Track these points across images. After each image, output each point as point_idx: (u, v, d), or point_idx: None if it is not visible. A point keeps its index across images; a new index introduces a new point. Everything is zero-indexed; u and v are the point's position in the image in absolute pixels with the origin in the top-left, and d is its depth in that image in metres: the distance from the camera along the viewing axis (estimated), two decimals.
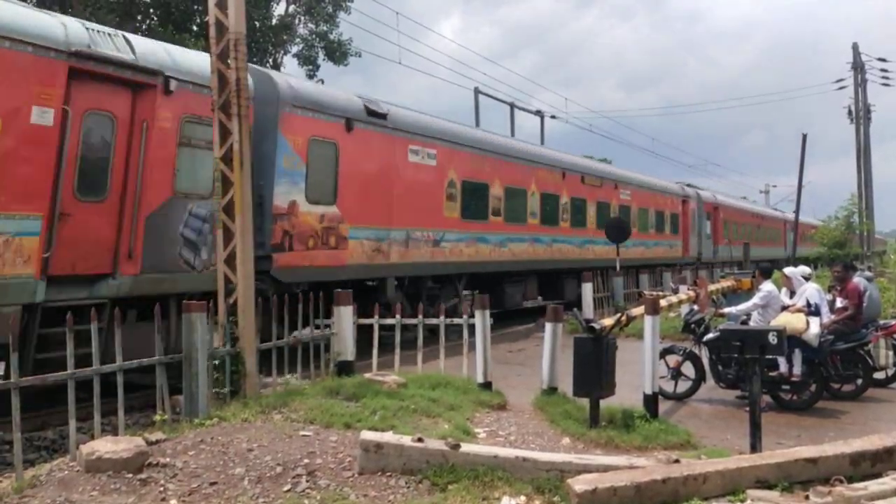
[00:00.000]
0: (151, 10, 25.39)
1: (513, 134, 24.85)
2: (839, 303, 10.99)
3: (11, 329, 5.81)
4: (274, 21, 29.06)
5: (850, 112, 38.06)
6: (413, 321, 10.41)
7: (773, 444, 7.57)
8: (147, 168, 9.78)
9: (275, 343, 8.93)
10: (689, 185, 33.68)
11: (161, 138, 9.97)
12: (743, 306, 11.00)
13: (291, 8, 30.13)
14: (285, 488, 5.51)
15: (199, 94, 10.21)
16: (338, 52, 30.26)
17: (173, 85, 10.08)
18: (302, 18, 30.36)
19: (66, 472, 5.73)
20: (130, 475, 5.57)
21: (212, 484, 5.52)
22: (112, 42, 9.45)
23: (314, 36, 30.34)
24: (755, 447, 7.11)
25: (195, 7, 25.71)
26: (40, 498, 5.19)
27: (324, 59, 30.48)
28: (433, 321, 10.49)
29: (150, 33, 22.23)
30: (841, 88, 38.79)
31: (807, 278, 11.69)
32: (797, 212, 36.25)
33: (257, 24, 27.13)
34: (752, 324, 10.50)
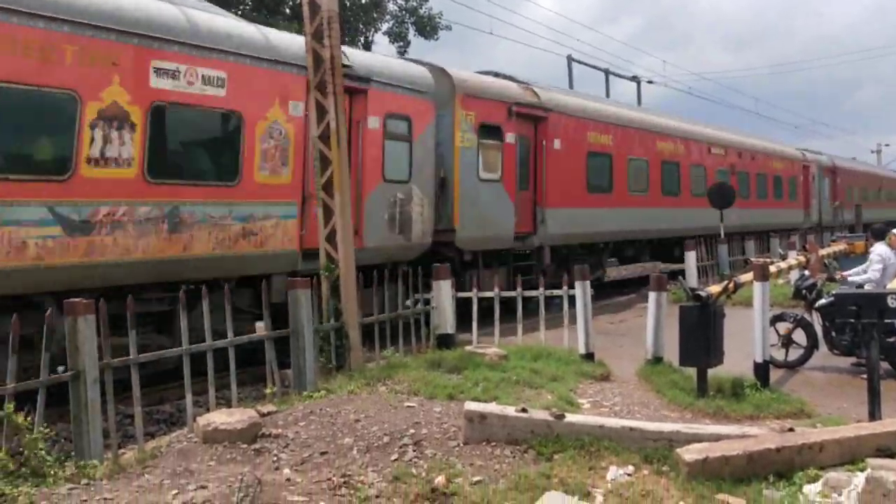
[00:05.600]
0: None
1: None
2: None
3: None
4: None
5: None
6: (512, 294, 10.39)
7: (892, 412, 7.20)
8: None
9: (377, 317, 9.07)
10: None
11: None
12: (865, 275, 10.49)
13: None
14: (393, 457, 5.60)
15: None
16: (428, 27, 30.28)
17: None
18: None
19: (185, 443, 5.99)
20: (245, 445, 5.78)
21: (322, 453, 5.66)
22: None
23: (404, 12, 30.43)
24: (874, 415, 6.81)
25: None
26: (161, 468, 5.44)
27: (414, 35, 30.55)
28: (533, 293, 10.44)
29: (244, 19, 22.75)
30: None
31: None
32: None
33: (347, 2, 27.38)
34: (867, 287, 10.02)
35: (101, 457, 5.67)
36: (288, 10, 25.09)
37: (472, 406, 6.14)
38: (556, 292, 10.40)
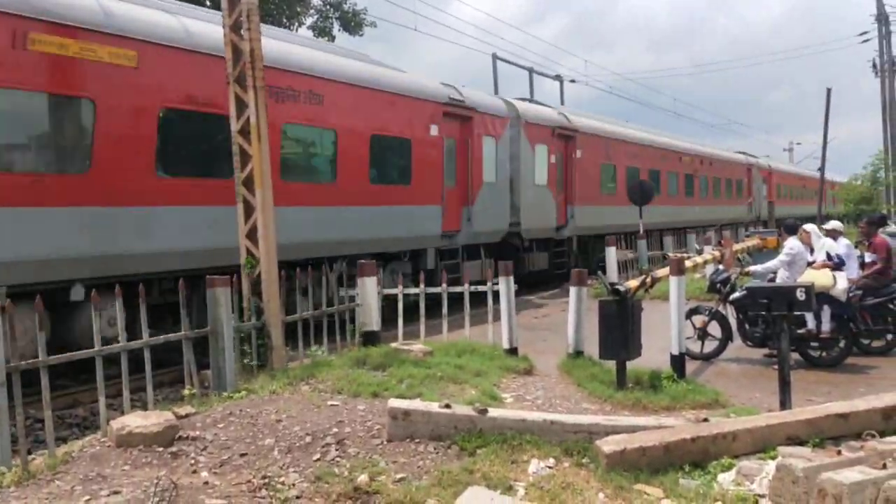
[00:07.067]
0: None
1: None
2: (868, 258, 10.85)
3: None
4: None
5: (874, 65, 37.22)
6: (437, 290, 10.40)
7: (802, 401, 7.51)
8: None
9: (300, 315, 8.95)
10: None
11: None
12: (769, 263, 10.89)
13: None
14: (315, 457, 5.54)
15: None
16: (353, 23, 30.02)
17: None
18: None
19: (98, 447, 5.78)
20: (161, 449, 5.62)
21: (242, 455, 5.56)
22: None
23: (328, 6, 30.08)
24: (785, 404, 7.06)
25: None
26: (73, 474, 5.24)
27: (339, 30, 30.26)
28: (458, 289, 10.47)
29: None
30: (865, 41, 37.95)
31: (839, 233, 11.52)
32: (822, 168, 35.68)
33: None
34: (778, 281, 10.39)
35: (9, 463, 5.43)
36: (208, 3, 24.50)
37: (395, 403, 6.12)
38: (480, 288, 10.45)
